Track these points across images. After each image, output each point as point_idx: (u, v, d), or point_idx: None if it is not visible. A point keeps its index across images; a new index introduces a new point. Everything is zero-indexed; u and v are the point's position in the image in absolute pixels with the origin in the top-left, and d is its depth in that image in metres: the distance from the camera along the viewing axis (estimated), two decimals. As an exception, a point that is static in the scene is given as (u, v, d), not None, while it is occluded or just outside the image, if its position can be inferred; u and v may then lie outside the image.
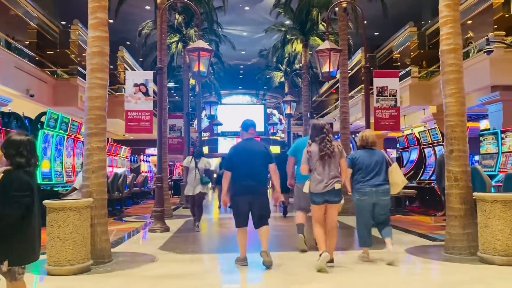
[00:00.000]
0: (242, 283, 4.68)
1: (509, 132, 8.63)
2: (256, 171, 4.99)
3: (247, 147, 5.08)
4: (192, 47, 8.02)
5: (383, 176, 5.12)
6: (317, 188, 4.75)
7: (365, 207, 5.16)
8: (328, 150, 4.76)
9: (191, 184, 8.08)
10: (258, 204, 4.99)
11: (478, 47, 13.34)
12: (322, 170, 4.75)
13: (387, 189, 5.12)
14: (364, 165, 5.13)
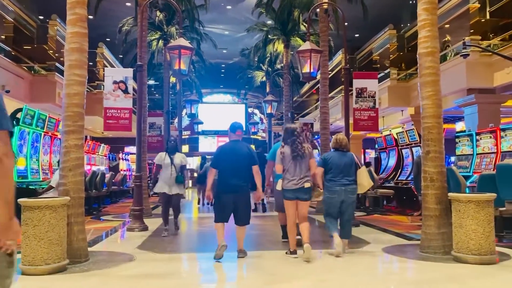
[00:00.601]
0: (222, 283, 4.68)
1: (483, 134, 8.85)
2: (241, 172, 5.30)
3: (234, 148, 5.41)
4: (173, 45, 7.96)
5: (352, 177, 5.61)
6: (289, 185, 5.27)
7: (333, 204, 5.62)
8: (299, 152, 5.28)
9: (166, 182, 7.16)
10: (241, 202, 5.32)
11: (455, 51, 13.62)
12: (294, 170, 5.27)
13: (354, 189, 5.62)
14: (335, 166, 5.59)
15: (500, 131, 8.25)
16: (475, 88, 12.23)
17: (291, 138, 5.38)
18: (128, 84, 10.43)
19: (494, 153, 8.32)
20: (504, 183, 6.28)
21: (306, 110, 28.36)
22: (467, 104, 12.61)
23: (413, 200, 10.73)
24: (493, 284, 4.23)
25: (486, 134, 8.69)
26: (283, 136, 5.58)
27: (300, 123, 17.84)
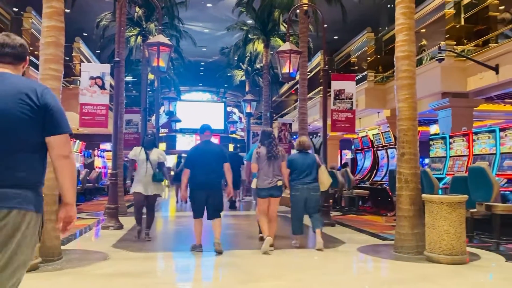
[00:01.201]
0: (197, 282, 4.66)
1: (456, 137, 9.06)
2: (213, 169, 5.71)
3: (205, 148, 5.86)
4: (151, 42, 7.88)
5: (314, 176, 6.12)
6: (263, 184, 5.76)
7: (298, 201, 6.11)
8: (274, 153, 5.78)
9: (141, 180, 6.36)
10: (213, 198, 5.72)
11: (431, 55, 13.90)
12: (268, 169, 5.76)
13: (316, 187, 6.15)
14: (299, 166, 6.09)
15: (472, 135, 8.47)
16: (449, 92, 12.51)
17: (267, 140, 5.86)
18: (105, 80, 10.24)
19: (467, 156, 8.54)
20: (475, 185, 6.46)
21: (285, 110, 28.47)
22: (442, 107, 12.89)
23: (387, 200, 10.91)
24: (464, 283, 4.34)
25: (459, 137, 8.91)
26: (259, 138, 6.09)
27: (279, 123, 17.90)
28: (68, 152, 2.04)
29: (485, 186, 6.27)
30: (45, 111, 1.97)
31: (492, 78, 11.18)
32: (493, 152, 7.77)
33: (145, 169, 6.38)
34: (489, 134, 7.96)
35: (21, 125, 1.91)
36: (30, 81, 2.06)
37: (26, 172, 1.92)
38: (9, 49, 2.06)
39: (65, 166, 2.03)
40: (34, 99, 1.95)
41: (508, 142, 7.44)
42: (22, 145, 1.93)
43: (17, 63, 2.09)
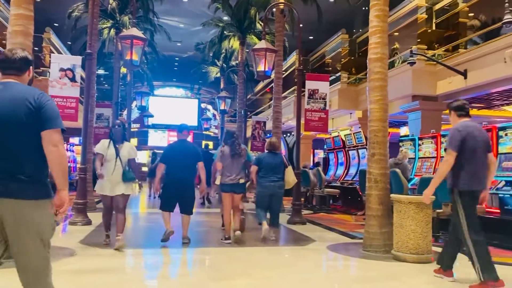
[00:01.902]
0: (166, 279, 4.61)
1: (425, 139, 9.30)
2: (187, 167, 6.02)
3: (181, 146, 6.18)
4: (125, 35, 7.75)
5: (280, 175, 6.57)
6: (226, 180, 6.18)
7: (264, 196, 6.52)
8: (237, 151, 6.22)
9: (108, 180, 5.49)
10: (186, 194, 6.06)
11: (403, 58, 14.21)
12: (231, 167, 6.18)
13: (282, 185, 6.59)
14: (267, 165, 6.52)
15: (440, 137, 8.71)
16: (419, 95, 12.82)
17: (230, 140, 6.29)
18: (76, 72, 9.99)
19: (434, 158, 8.78)
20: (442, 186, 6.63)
21: (260, 109, 28.53)
22: (412, 110, 13.20)
23: (357, 200, 11.10)
24: (428, 282, 4.46)
25: (428, 139, 9.15)
26: (224, 138, 6.59)
27: (253, 121, 17.92)
28: (56, 142, 2.34)
29: (451, 187, 6.45)
30: (40, 111, 2.35)
31: (461, 82, 11.53)
32: (460, 155, 8.00)
33: (113, 166, 5.46)
34: (456, 137, 8.19)
35: (27, 124, 2.32)
36: (31, 89, 2.46)
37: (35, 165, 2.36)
38: (11, 63, 2.50)
39: (54, 155, 2.33)
40: (33, 103, 2.36)
41: (473, 145, 7.68)
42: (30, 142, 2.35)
43: (20, 74, 2.52)
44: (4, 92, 2.39)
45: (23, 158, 2.31)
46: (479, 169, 4.23)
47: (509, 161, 6.84)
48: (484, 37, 12.21)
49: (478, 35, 12.77)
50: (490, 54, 10.57)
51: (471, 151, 4.18)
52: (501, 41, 10.29)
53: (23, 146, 2.33)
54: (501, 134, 7.08)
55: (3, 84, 2.45)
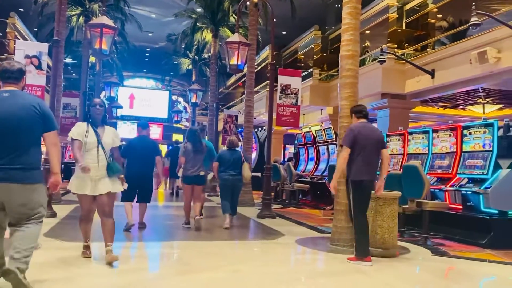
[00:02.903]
0: (133, 273, 4.54)
1: (393, 136, 9.50)
2: (145, 161, 6.54)
3: (141, 142, 6.67)
4: (94, 23, 7.55)
5: (239, 169, 7.34)
6: (187, 173, 6.95)
7: (225, 188, 7.37)
8: (198, 148, 7.00)
9: (89, 175, 4.31)
10: (144, 185, 6.64)
11: (373, 56, 14.45)
12: (193, 162, 6.92)
13: (239, 179, 7.40)
14: (226, 161, 7.30)
15: (407, 135, 8.91)
16: (388, 93, 13.08)
17: (193, 137, 7.05)
18: (42, 60, 9.66)
19: (402, 154, 8.98)
20: (408, 183, 6.81)
21: (232, 102, 28.44)
22: (381, 107, 13.45)
23: (326, 194, 11.25)
24: (393, 275, 4.58)
25: (396, 137, 9.35)
26: (186, 135, 7.36)
27: (225, 115, 17.85)
28: (56, 141, 3.37)
29: (417, 183, 6.63)
30: (44, 116, 3.26)
31: (428, 82, 11.83)
32: (426, 152, 8.23)
33: (95, 157, 4.34)
34: (423, 134, 8.42)
35: (34, 125, 3.22)
36: (33, 96, 3.45)
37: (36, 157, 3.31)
38: (10, 73, 3.27)
39: (54, 150, 3.35)
40: (38, 108, 3.22)
41: (439, 143, 7.91)
42: (34, 139, 3.27)
43: (18, 82, 3.33)
44: (13, 99, 3.18)
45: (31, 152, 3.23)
46: (368, 162, 4.97)
47: (472, 159, 7.09)
48: (451, 38, 12.57)
49: (446, 36, 13.13)
50: (456, 55, 10.89)
51: (361, 147, 4.95)
52: (467, 43, 10.61)
53: (31, 142, 3.24)
54: (465, 133, 7.31)
55: (10, 92, 3.21)
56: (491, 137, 6.78)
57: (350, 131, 5.06)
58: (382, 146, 5.15)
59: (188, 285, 3.84)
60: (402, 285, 4.21)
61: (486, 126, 6.93)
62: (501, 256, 5.62)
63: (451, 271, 4.97)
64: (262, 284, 3.99)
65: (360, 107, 5.37)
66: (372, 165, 5.03)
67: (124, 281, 3.92)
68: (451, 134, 7.62)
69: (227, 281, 4.04)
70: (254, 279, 4.16)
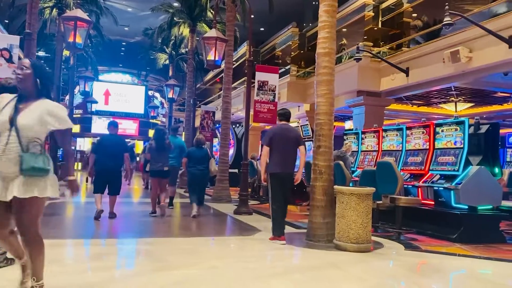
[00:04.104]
0: (109, 270, 4.48)
1: (368, 133, 9.64)
2: (114, 157, 7.13)
3: (111, 139, 7.27)
4: (68, 15, 7.39)
5: (205, 165, 8.12)
6: (154, 167, 7.97)
7: (193, 182, 8.12)
8: (164, 146, 7.96)
9: None
10: (113, 179, 7.27)
11: (349, 54, 14.60)
12: (158, 158, 7.90)
13: (206, 173, 8.18)
14: (194, 157, 8.06)
15: (382, 132, 9.06)
16: (364, 91, 13.24)
17: (159, 136, 8.03)
18: (13, 52, 9.35)
19: (376, 151, 9.13)
20: (382, 179, 6.94)
21: (209, 98, 28.27)
22: (356, 104, 13.62)
23: (303, 191, 11.34)
24: (367, 270, 4.66)
25: (370, 134, 9.49)
26: (154, 134, 8.29)
27: (202, 111, 17.75)
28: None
29: (390, 180, 6.76)
30: None
31: (403, 80, 12.05)
32: (400, 149, 8.39)
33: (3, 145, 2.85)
34: (397, 132, 8.58)
35: None
36: None
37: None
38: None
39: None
40: None
41: (413, 140, 8.08)
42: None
43: None
44: None
45: None
46: (283, 158, 5.87)
47: (444, 156, 7.26)
48: (425, 37, 12.82)
49: (420, 35, 13.37)
50: (430, 54, 11.12)
51: (277, 145, 5.86)
52: (441, 42, 10.84)
53: None
54: (437, 130, 7.48)
55: None
56: (462, 135, 6.96)
57: (268, 133, 6.06)
58: (298, 143, 6.03)
59: (164, 282, 3.82)
60: (375, 279, 4.29)
61: (457, 124, 7.11)
62: (470, 250, 5.80)
63: (423, 265, 5.10)
64: (238, 281, 4.01)
65: (282, 111, 6.26)
66: (286, 160, 5.92)
67: (98, 279, 3.87)
68: (424, 132, 7.79)
69: (203, 277, 4.04)
70: (230, 276, 4.17)
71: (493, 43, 9.17)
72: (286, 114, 6.20)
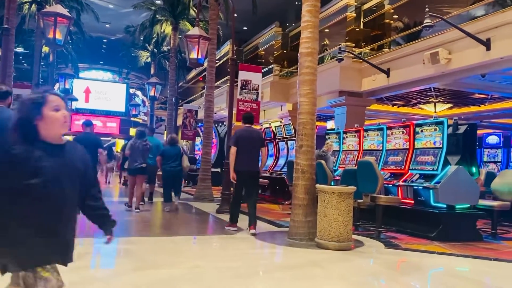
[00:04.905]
0: (88, 269, 4.43)
1: (349, 133, 9.74)
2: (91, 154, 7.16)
3: (85, 137, 7.42)
4: (48, 11, 7.25)
5: (178, 162, 8.83)
6: (132, 166, 8.45)
7: (167, 178, 8.90)
8: (145, 146, 8.47)
9: None
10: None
11: (332, 54, 14.72)
12: (136, 156, 8.36)
13: (180, 169, 8.94)
14: (167, 155, 8.78)
15: (363, 131, 9.17)
16: (345, 91, 13.37)
17: (140, 137, 8.58)
18: (-10, 48, 9.17)
19: (357, 151, 9.23)
20: (363, 178, 7.02)
21: (192, 97, 28.13)
22: (338, 104, 13.74)
23: (285, 189, 11.40)
24: (348, 268, 4.72)
25: (352, 133, 9.59)
26: (136, 134, 8.75)
27: (184, 109, 17.65)
28: None
29: (371, 179, 6.84)
30: None
31: (384, 80, 12.20)
32: (380, 148, 8.50)
33: None
34: (378, 131, 8.69)
35: None
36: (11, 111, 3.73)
37: None
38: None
39: None
40: None
41: (393, 140, 8.19)
42: None
43: (4, 101, 4.02)
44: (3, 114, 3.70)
45: None
46: (247, 157, 6.47)
47: (423, 155, 7.39)
48: (406, 38, 13.00)
49: (401, 37, 13.57)
50: (410, 55, 11.29)
51: (242, 146, 6.46)
52: (421, 44, 11.02)
53: None
54: (417, 130, 7.60)
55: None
56: (441, 135, 7.09)
57: (234, 134, 6.75)
58: (261, 145, 6.71)
59: (145, 282, 3.79)
60: (356, 277, 4.34)
61: (436, 124, 7.24)
62: (448, 248, 5.91)
63: (403, 263, 5.18)
64: (221, 280, 4.01)
65: (246, 115, 6.96)
66: (250, 159, 6.51)
67: (79, 278, 3.81)
68: (404, 132, 7.91)
69: (186, 277, 4.02)
70: (212, 275, 4.16)
71: (471, 45, 9.37)
72: (250, 118, 6.89)
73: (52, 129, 1.89)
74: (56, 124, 1.90)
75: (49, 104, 1.89)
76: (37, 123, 1.85)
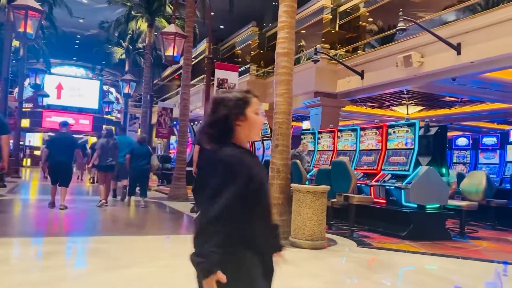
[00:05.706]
0: (61, 269, 4.33)
1: (324, 133, 9.85)
2: (65, 152, 7.88)
3: (63, 137, 7.97)
4: (19, 4, 7.05)
5: (147, 160, 9.34)
6: (103, 163, 8.83)
7: (134, 176, 9.20)
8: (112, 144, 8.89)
9: None
10: (64, 172, 7.96)
11: (308, 55, 14.84)
12: (106, 154, 8.77)
13: (148, 168, 9.52)
14: (137, 154, 9.17)
15: (337, 132, 9.29)
16: (321, 92, 13.50)
17: (108, 134, 9.06)
18: (-44, 40, 8.85)
19: (331, 151, 9.34)
20: (337, 178, 7.11)
21: (167, 95, 27.83)
22: (313, 105, 13.86)
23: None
24: (321, 266, 4.77)
25: (326, 134, 9.70)
26: (105, 134, 9.25)
27: (159, 107, 17.45)
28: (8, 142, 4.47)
29: (344, 178, 6.94)
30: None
31: (358, 82, 12.38)
32: (354, 149, 8.63)
33: None
34: (352, 132, 8.82)
35: None
36: None
37: None
38: None
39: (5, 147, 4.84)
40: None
41: (366, 141, 8.33)
42: None
43: None
44: None
45: None
46: None
47: (395, 156, 7.54)
48: (380, 41, 13.24)
49: (375, 39, 13.80)
50: (384, 57, 11.49)
51: None
52: (394, 47, 11.24)
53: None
54: (390, 131, 7.76)
55: None
56: (413, 136, 7.25)
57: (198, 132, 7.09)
58: None
59: (117, 281, 3.73)
60: (328, 275, 4.40)
61: (408, 126, 7.40)
62: (418, 247, 6.06)
63: (374, 262, 5.28)
64: (193, 278, 3.98)
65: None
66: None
67: (47, 278, 3.72)
68: (377, 133, 8.06)
69: (158, 276, 3.98)
70: (185, 274, 4.12)
71: (443, 50, 9.61)
72: None
73: (253, 132, 1.73)
74: (258, 127, 1.74)
75: (253, 106, 1.72)
76: (238, 123, 1.67)
